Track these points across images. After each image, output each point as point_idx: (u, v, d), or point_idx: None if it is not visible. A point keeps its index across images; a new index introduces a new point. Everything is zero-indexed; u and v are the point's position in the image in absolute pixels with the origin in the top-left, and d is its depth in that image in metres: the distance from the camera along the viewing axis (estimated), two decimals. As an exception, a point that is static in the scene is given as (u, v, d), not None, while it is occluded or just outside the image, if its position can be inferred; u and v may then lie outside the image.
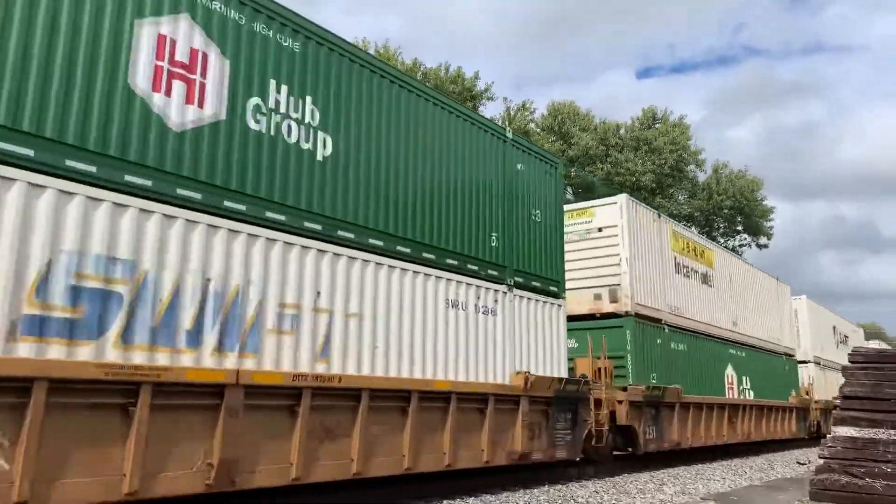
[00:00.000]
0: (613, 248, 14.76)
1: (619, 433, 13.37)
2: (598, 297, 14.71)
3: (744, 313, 20.49)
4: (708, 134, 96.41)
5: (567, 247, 15.38)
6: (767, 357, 21.83)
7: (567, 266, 15.26)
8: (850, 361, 9.51)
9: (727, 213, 49.79)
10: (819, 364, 27.84)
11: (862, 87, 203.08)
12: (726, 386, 18.34)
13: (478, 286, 10.10)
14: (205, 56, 6.96)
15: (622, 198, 15.01)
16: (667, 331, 15.58)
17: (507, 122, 42.60)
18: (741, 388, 19.33)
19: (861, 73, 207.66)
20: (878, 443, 8.58)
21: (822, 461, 8.82)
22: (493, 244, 10.63)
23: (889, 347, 49.83)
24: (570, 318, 14.96)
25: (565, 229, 15.49)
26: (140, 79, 6.39)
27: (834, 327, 31.93)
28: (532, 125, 44.64)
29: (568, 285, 15.13)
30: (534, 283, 11.32)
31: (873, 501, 8.25)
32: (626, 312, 14.34)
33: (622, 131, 47.26)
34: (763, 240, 52.63)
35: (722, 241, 49.55)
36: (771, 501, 9.56)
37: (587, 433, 11.76)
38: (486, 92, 41.54)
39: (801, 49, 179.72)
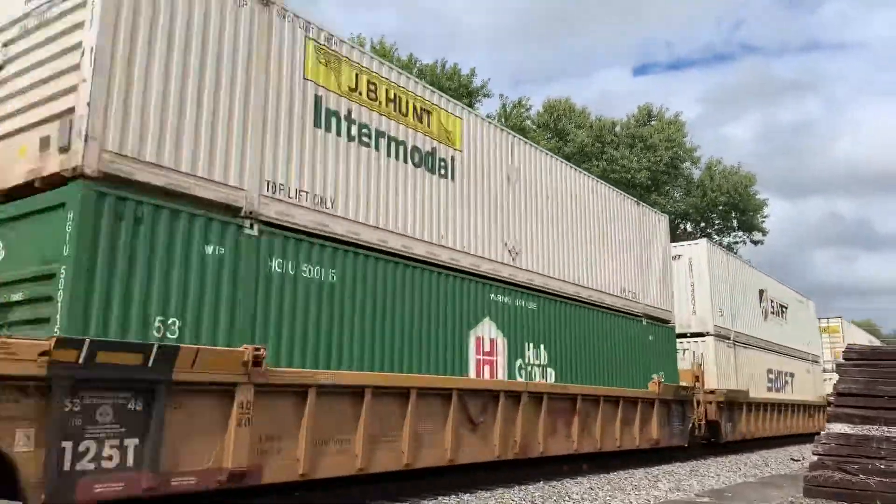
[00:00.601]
0: (72, 35, 6.51)
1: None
2: (46, 144, 6.42)
3: (546, 241, 12.24)
4: (705, 131, 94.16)
5: None
6: (603, 318, 13.60)
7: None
8: (844, 358, 9.57)
9: (721, 209, 49.49)
10: (727, 339, 19.66)
11: (859, 84, 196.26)
12: (473, 358, 10.11)
13: None
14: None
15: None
16: (254, 231, 7.34)
17: (503, 119, 42.32)
18: (524, 363, 11.13)
19: (858, 71, 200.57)
20: (871, 439, 8.64)
21: (816, 458, 8.83)
22: None
23: (867, 335, 41.89)
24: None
25: None
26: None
27: (761, 292, 23.72)
28: (528, 122, 44.52)
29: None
30: None
31: (867, 498, 8.29)
32: (78, 171, 6.05)
33: (618, 128, 47.13)
34: (758, 235, 51.86)
35: (717, 237, 49.27)
36: (765, 498, 9.26)
37: None
38: (482, 88, 41.20)
39: (799, 46, 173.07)
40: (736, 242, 51.45)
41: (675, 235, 32.80)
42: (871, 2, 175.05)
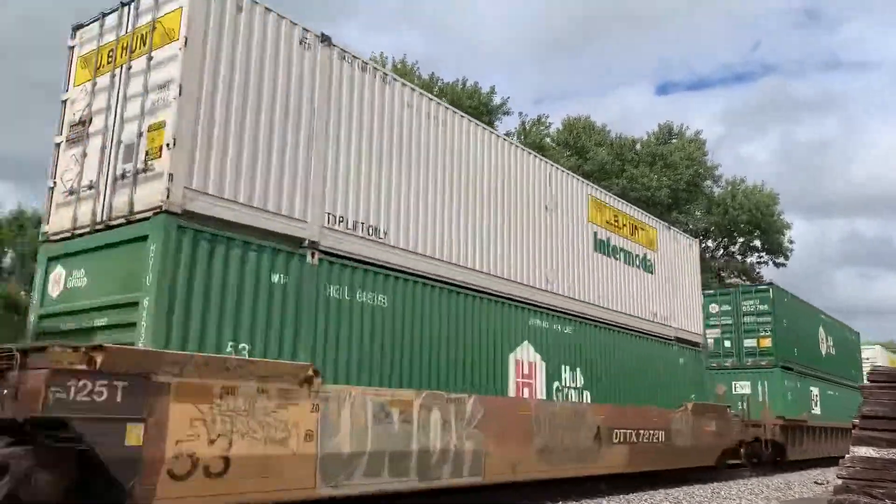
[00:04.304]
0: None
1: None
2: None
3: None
4: (725, 150, 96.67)
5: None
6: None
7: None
8: (869, 380, 9.10)
9: (744, 227, 49.60)
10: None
11: (879, 104, 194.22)
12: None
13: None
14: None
15: None
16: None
17: (522, 136, 42.91)
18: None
19: (878, 91, 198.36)
20: (897, 463, 8.29)
21: (840, 481, 8.44)
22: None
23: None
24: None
25: None
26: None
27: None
28: (548, 140, 44.79)
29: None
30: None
31: (893, 522, 7.92)
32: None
33: (638, 146, 47.38)
34: (781, 258, 51.61)
35: (740, 258, 49.83)
36: (788, 522, 8.92)
37: None
38: (501, 106, 41.72)
39: (819, 66, 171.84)
40: (759, 262, 51.63)
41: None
42: (893, 21, 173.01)
